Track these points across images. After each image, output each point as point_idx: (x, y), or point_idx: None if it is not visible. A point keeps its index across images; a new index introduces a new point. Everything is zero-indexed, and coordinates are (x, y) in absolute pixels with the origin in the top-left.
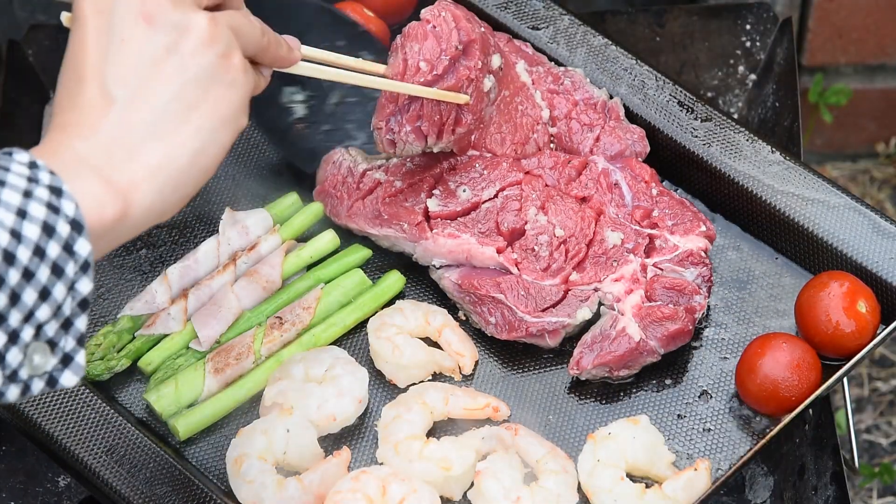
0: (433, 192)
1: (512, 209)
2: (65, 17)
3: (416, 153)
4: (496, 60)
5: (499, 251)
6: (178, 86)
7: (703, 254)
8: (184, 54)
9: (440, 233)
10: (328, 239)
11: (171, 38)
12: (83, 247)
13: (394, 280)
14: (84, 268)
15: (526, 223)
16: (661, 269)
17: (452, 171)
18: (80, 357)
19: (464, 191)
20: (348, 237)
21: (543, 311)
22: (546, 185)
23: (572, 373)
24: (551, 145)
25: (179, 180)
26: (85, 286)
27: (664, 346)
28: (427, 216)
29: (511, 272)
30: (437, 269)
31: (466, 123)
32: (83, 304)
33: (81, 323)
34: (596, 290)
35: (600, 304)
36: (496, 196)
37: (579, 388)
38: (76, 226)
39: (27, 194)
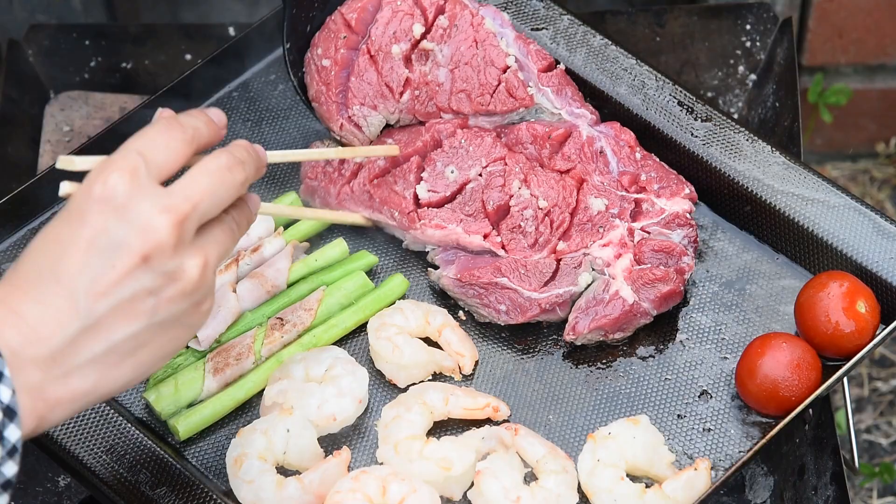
0: (422, 175)
1: (496, 185)
2: (65, 188)
3: (382, 125)
4: (443, 21)
5: (485, 237)
6: (142, 326)
7: (688, 216)
8: (162, 299)
9: (428, 223)
10: (339, 250)
11: (158, 283)
12: (13, 433)
13: (396, 283)
14: (11, 452)
15: (511, 197)
16: (649, 233)
17: (437, 148)
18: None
19: (451, 171)
20: (355, 244)
21: (545, 284)
22: (528, 159)
23: (568, 338)
24: (530, 90)
25: (96, 401)
26: (9, 469)
27: (657, 308)
28: (416, 202)
29: (499, 255)
30: (434, 270)
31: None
32: (6, 485)
33: (3, 500)
34: (585, 255)
35: (592, 269)
36: (480, 175)
37: (579, 388)
38: (9, 412)
39: None
